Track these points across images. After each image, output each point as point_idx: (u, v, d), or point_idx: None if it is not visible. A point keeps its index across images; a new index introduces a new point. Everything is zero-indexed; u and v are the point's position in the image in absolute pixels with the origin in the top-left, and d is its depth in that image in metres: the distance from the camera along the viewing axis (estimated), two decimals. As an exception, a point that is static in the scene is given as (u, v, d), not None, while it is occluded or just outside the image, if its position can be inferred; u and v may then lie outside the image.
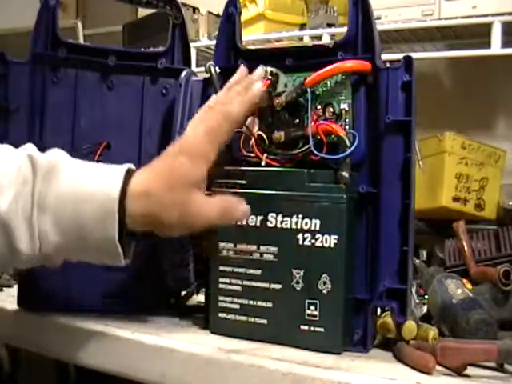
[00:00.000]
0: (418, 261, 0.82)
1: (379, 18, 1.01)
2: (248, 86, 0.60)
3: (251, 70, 0.66)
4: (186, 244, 0.66)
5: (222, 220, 0.57)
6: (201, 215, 0.56)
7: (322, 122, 0.62)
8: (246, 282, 0.62)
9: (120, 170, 0.56)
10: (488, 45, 0.94)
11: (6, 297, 0.79)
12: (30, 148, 0.58)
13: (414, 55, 0.61)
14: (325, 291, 0.59)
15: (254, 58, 0.68)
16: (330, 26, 1.11)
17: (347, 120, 0.62)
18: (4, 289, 0.86)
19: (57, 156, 0.57)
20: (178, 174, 0.56)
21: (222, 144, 0.58)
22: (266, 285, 0.61)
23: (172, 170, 0.56)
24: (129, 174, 0.56)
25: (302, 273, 0.59)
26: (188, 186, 0.55)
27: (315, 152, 0.60)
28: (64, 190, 0.55)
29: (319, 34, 1.11)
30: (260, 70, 0.62)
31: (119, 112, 0.72)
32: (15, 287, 0.74)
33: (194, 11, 1.27)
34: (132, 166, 0.58)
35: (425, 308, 0.73)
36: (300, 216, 0.60)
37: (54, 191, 0.54)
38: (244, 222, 0.62)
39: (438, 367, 0.55)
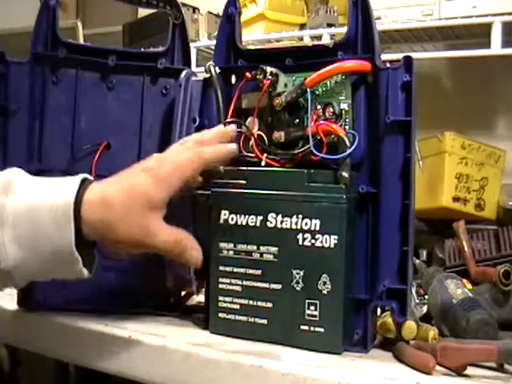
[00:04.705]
0: (418, 261, 0.82)
1: (379, 18, 1.01)
2: (226, 137, 0.62)
3: (251, 69, 0.66)
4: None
5: (175, 250, 0.58)
6: (158, 238, 0.57)
7: (321, 122, 0.62)
8: (245, 282, 0.62)
9: (75, 179, 0.56)
10: (488, 45, 0.94)
11: (6, 296, 0.79)
12: None
13: (414, 55, 0.61)
14: (325, 291, 0.59)
15: (254, 58, 0.68)
16: (330, 26, 1.11)
17: (347, 120, 0.62)
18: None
19: (13, 172, 0.57)
20: (140, 190, 0.56)
21: (188, 179, 0.59)
22: (265, 285, 0.61)
23: (132, 186, 0.57)
24: (85, 183, 0.56)
25: (301, 273, 0.59)
26: (147, 205, 0.56)
27: (315, 152, 0.60)
28: (21, 202, 0.55)
29: (319, 34, 1.11)
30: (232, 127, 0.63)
31: (119, 112, 0.72)
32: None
33: (193, 11, 1.27)
34: (89, 176, 0.58)
35: (425, 308, 0.73)
36: (300, 216, 0.60)
37: (11, 204, 0.54)
38: (244, 223, 0.62)
39: (438, 367, 0.55)
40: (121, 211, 0.55)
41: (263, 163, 0.64)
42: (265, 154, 0.64)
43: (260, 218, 0.61)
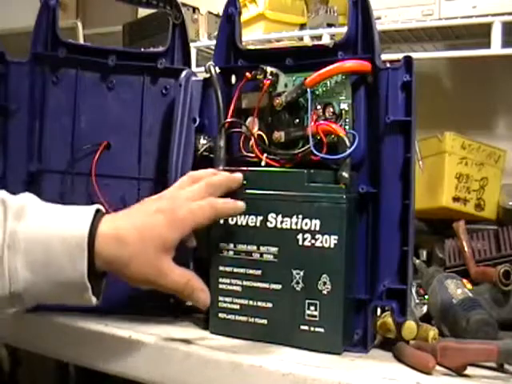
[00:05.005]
0: (418, 261, 0.82)
1: (379, 18, 1.01)
2: (234, 183, 0.62)
3: (251, 69, 0.66)
4: (186, 244, 0.66)
5: (185, 291, 0.58)
6: (169, 278, 0.57)
7: (321, 122, 0.62)
8: (245, 282, 0.62)
9: (89, 210, 0.57)
10: (488, 45, 0.94)
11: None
12: (0, 192, 0.58)
13: (414, 55, 0.61)
14: (325, 291, 0.59)
15: (254, 58, 0.68)
16: (330, 26, 1.11)
17: (347, 120, 0.62)
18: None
19: (25, 199, 0.58)
20: (154, 231, 0.57)
21: (199, 225, 0.59)
22: (265, 285, 0.61)
23: (147, 226, 0.57)
24: (98, 214, 0.57)
25: (301, 273, 0.59)
26: (160, 246, 0.57)
27: (315, 152, 0.60)
28: (34, 229, 0.55)
29: (319, 34, 1.11)
30: (240, 175, 0.62)
31: (119, 112, 0.72)
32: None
33: (193, 11, 1.27)
34: (101, 207, 0.59)
35: (425, 308, 0.73)
36: (300, 216, 0.60)
37: (24, 230, 0.55)
38: (244, 223, 0.62)
39: (438, 367, 0.55)
40: (135, 250, 0.56)
41: (263, 163, 0.64)
42: (265, 154, 0.64)
43: (260, 218, 0.61)
